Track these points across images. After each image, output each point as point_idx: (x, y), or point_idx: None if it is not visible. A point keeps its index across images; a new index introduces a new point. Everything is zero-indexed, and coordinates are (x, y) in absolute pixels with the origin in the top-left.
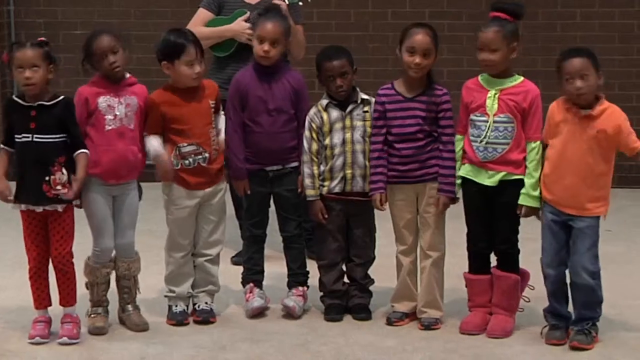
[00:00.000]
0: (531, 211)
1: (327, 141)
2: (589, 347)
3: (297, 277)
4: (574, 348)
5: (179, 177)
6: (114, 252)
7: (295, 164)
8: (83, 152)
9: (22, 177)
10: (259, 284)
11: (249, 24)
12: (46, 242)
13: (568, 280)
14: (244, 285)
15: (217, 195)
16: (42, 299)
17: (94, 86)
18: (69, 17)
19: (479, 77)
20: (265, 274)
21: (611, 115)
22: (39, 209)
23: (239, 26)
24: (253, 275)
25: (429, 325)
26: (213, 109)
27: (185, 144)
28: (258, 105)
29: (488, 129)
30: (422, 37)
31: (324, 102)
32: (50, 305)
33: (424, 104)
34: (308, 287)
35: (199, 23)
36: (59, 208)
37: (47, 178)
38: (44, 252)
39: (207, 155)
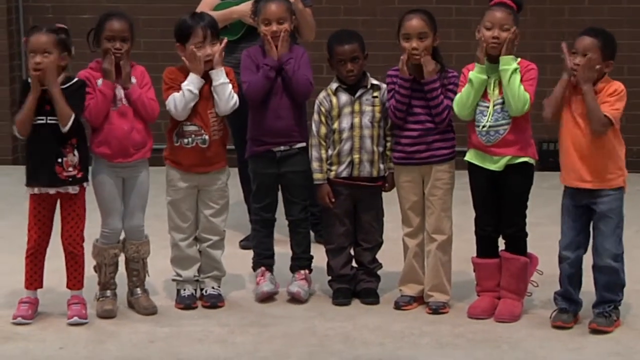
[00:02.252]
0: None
1: (335, 125)
2: (608, 330)
3: (300, 262)
4: (593, 330)
5: (173, 157)
6: (122, 234)
7: (302, 144)
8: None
9: (34, 160)
10: (270, 268)
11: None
12: (50, 226)
13: (583, 265)
14: (255, 270)
15: (217, 182)
16: (34, 280)
17: (93, 70)
18: (77, 2)
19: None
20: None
21: (609, 87)
22: (52, 191)
23: (246, 7)
24: (264, 259)
25: (437, 309)
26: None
27: (188, 123)
28: None
29: (489, 114)
30: (415, 22)
31: (334, 85)
32: (41, 287)
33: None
34: (311, 270)
35: (206, 9)
36: (71, 190)
37: (59, 160)
38: (45, 235)
39: (206, 137)
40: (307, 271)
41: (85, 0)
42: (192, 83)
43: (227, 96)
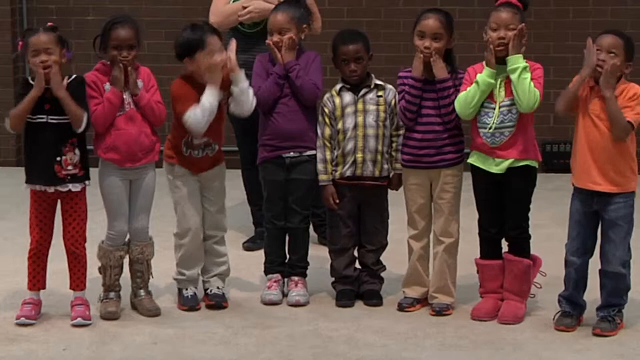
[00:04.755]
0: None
1: (339, 125)
2: (612, 335)
3: (294, 269)
4: (597, 335)
5: (183, 160)
6: (128, 236)
7: (312, 152)
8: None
9: (34, 158)
10: (283, 275)
11: None
12: (51, 226)
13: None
14: (267, 274)
15: (217, 177)
16: (36, 281)
17: (99, 73)
18: (81, 3)
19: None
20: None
21: (629, 91)
22: (51, 189)
23: None
24: (278, 266)
25: (440, 311)
26: (225, 99)
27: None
28: None
29: (495, 116)
30: (431, 22)
31: (338, 86)
32: (44, 288)
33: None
34: (305, 276)
35: (222, 2)
36: (72, 187)
37: (58, 158)
38: (47, 236)
39: (216, 147)
40: (300, 277)
41: (89, 2)
42: (213, 96)
43: (251, 97)
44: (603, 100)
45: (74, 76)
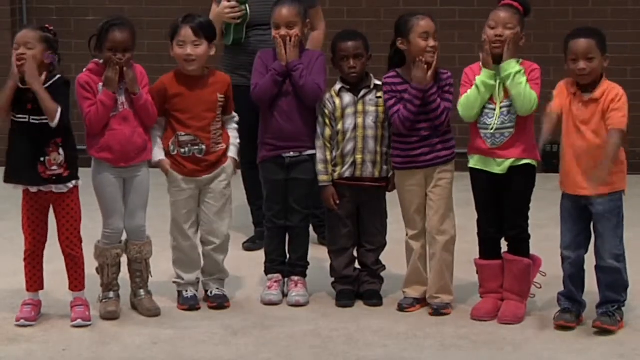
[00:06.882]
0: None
1: (339, 126)
2: (613, 329)
3: (294, 268)
4: (598, 328)
5: (175, 162)
6: (124, 235)
7: (312, 151)
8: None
9: (17, 157)
10: (283, 275)
11: (232, 2)
12: (44, 227)
13: (586, 266)
14: (267, 274)
15: (215, 181)
16: (33, 282)
17: (92, 73)
18: (81, 3)
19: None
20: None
21: (610, 92)
22: (34, 189)
23: (220, 7)
24: (278, 266)
25: (439, 310)
26: (221, 103)
27: (184, 133)
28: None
29: (496, 116)
30: (428, 22)
31: (337, 87)
32: (42, 289)
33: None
34: (305, 276)
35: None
36: (55, 189)
37: (42, 159)
38: (41, 237)
39: (203, 147)
40: (300, 277)
41: (89, 2)
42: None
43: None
44: (586, 106)
45: (58, 76)
